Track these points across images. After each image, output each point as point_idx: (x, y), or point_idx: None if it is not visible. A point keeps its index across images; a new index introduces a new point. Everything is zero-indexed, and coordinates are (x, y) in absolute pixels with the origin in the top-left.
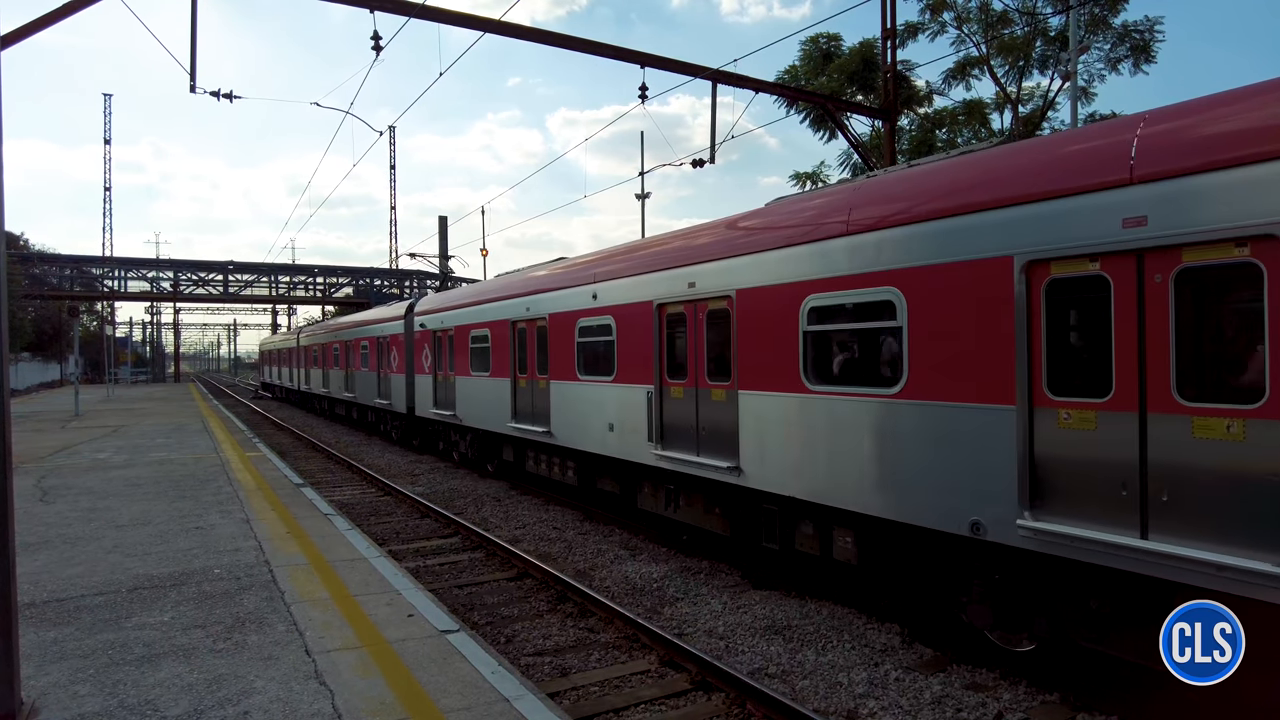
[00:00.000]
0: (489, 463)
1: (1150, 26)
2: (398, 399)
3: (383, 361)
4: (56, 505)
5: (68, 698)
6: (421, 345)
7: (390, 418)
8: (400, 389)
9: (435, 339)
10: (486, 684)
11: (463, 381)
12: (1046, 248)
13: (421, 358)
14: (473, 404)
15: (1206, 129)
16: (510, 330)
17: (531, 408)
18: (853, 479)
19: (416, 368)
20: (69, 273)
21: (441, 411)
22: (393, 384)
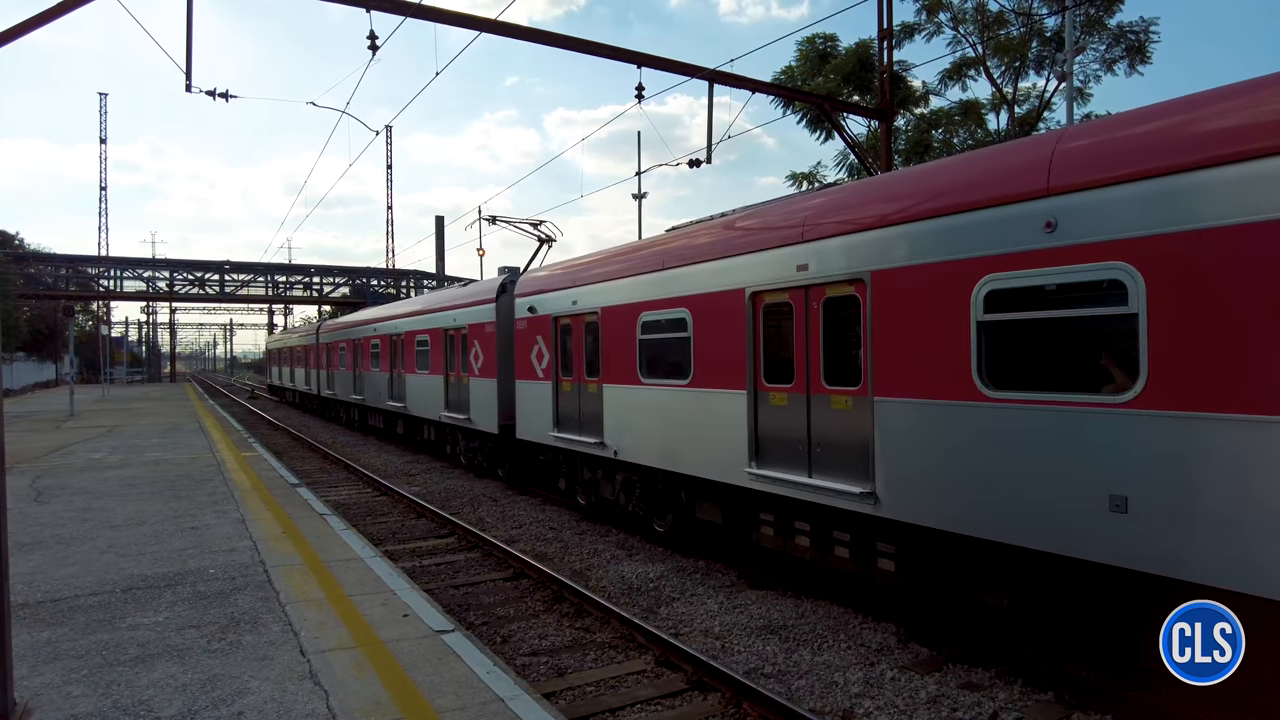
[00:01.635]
0: (659, 520)
1: (1145, 27)
2: (482, 413)
3: (454, 361)
4: (51, 505)
5: (61, 698)
6: (529, 337)
7: (465, 437)
8: (487, 399)
9: (559, 328)
10: (481, 684)
11: (622, 394)
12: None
13: (531, 356)
14: (640, 429)
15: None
16: (751, 308)
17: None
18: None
19: (520, 370)
20: (64, 272)
21: (572, 436)
22: (472, 392)
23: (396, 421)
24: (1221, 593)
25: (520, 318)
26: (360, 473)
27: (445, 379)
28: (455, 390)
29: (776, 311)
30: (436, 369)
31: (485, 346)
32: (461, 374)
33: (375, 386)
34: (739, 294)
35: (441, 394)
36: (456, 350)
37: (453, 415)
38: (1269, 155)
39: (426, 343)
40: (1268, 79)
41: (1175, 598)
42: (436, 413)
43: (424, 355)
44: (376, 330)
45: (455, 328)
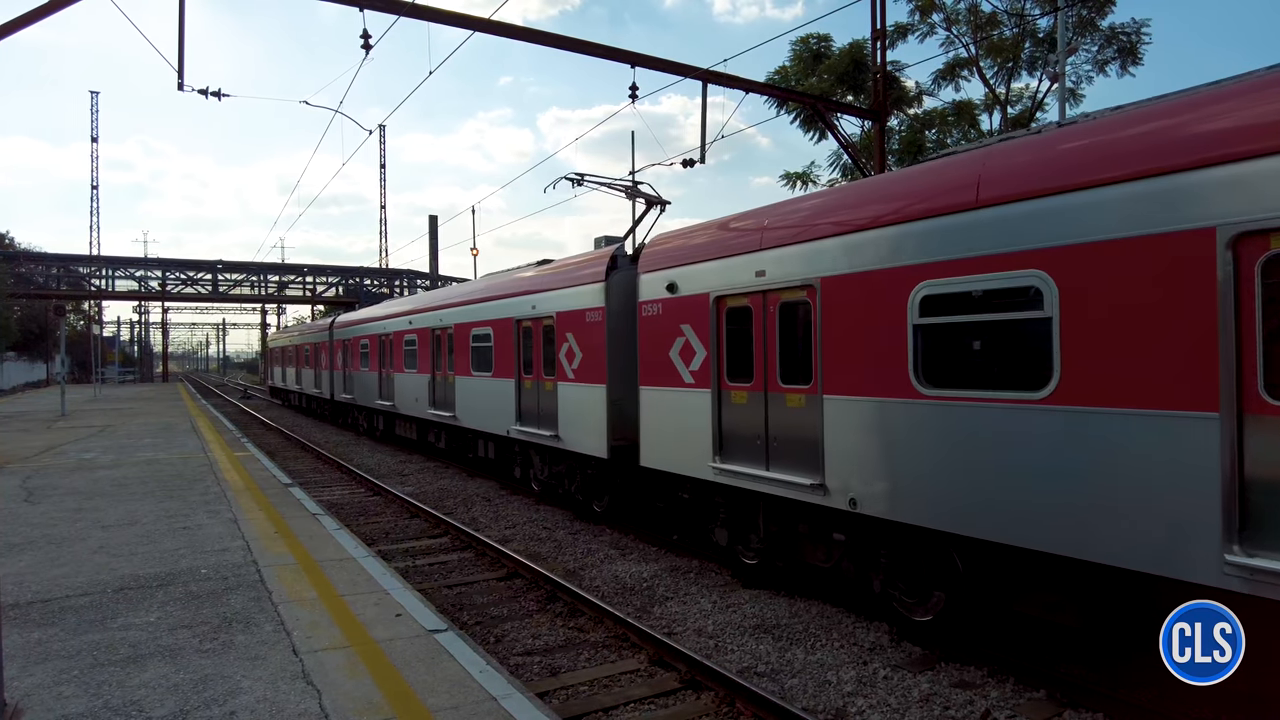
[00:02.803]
0: (921, 607)
1: (1137, 29)
2: (579, 429)
3: (530, 361)
4: (42, 505)
5: (52, 699)
6: (666, 327)
7: (547, 459)
8: (588, 411)
9: (725, 313)
10: (474, 683)
11: (870, 412)
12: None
13: (670, 353)
14: (918, 468)
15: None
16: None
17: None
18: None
19: (649, 372)
20: (56, 272)
21: (752, 470)
22: (563, 401)
23: (436, 433)
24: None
25: (649, 300)
26: (353, 472)
27: (518, 384)
28: (532, 398)
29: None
30: (503, 371)
31: (586, 341)
32: (544, 377)
33: (408, 391)
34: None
35: (511, 403)
36: (535, 346)
37: (529, 430)
38: (1146, 178)
39: (487, 337)
40: (1143, 113)
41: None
42: (502, 426)
43: (482, 353)
44: (412, 323)
45: (535, 317)
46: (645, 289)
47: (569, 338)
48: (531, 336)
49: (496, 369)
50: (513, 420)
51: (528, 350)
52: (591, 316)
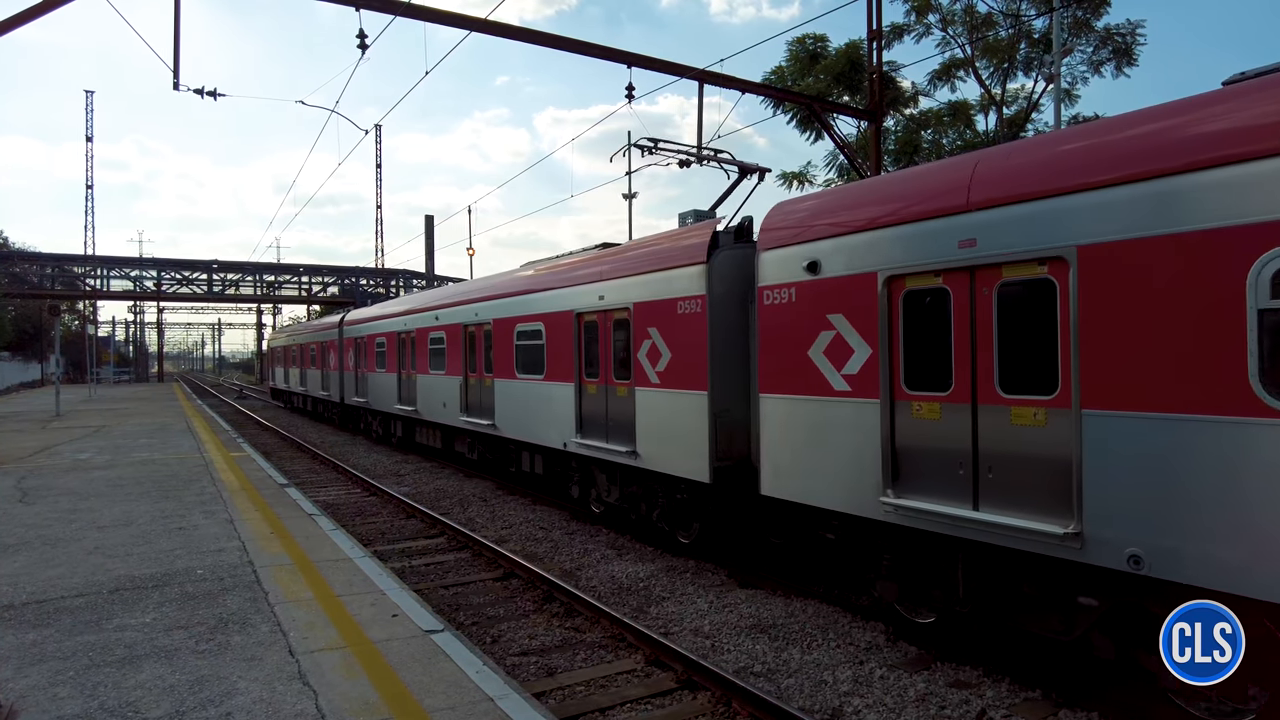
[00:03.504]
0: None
1: (1132, 30)
2: (665, 445)
3: (595, 361)
4: (36, 506)
5: (47, 700)
6: (805, 318)
7: (617, 479)
8: (680, 424)
9: (903, 300)
10: (471, 683)
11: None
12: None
13: (811, 351)
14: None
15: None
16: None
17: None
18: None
19: (773, 375)
20: (50, 271)
21: (952, 511)
22: (642, 411)
23: (469, 443)
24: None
25: (775, 285)
26: (349, 473)
27: (579, 389)
28: (598, 406)
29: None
30: (559, 373)
31: (678, 337)
32: (614, 381)
33: (434, 395)
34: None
35: (569, 411)
36: (603, 344)
37: (594, 444)
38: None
39: (537, 334)
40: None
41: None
42: (557, 438)
43: (530, 353)
44: (439, 319)
45: (603, 310)
46: (770, 270)
47: (652, 334)
48: (597, 333)
49: (550, 371)
50: (572, 431)
51: (592, 349)
52: (687, 307)
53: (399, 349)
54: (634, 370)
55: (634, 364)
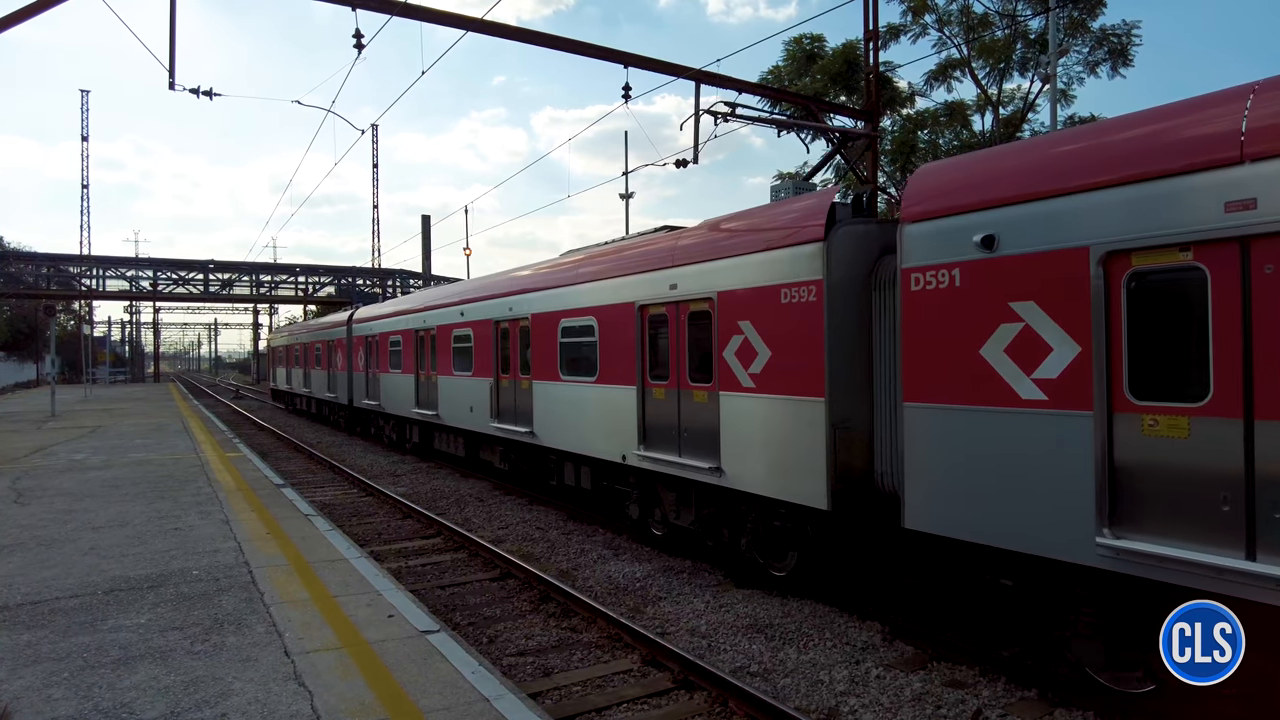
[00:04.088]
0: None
1: (1128, 30)
2: (772, 464)
3: (667, 363)
4: (31, 507)
5: (41, 701)
6: (972, 309)
7: (705, 499)
8: (792, 439)
9: (1117, 283)
10: (467, 684)
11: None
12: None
13: (979, 351)
14: None
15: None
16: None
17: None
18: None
19: (923, 384)
20: (46, 271)
21: (1239, 563)
22: (741, 421)
23: (500, 451)
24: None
25: (929, 265)
26: (346, 473)
27: (642, 393)
28: (666, 412)
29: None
30: (615, 374)
31: (782, 331)
32: (691, 385)
33: (459, 398)
34: None
35: (630, 419)
36: (675, 341)
37: (665, 458)
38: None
39: (588, 330)
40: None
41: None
42: (614, 449)
43: (580, 351)
44: (464, 315)
45: (674, 301)
46: (919, 247)
47: (744, 329)
48: (667, 328)
49: (604, 373)
50: (633, 442)
51: (659, 347)
52: (794, 295)
53: (417, 348)
54: (718, 372)
55: (718, 365)
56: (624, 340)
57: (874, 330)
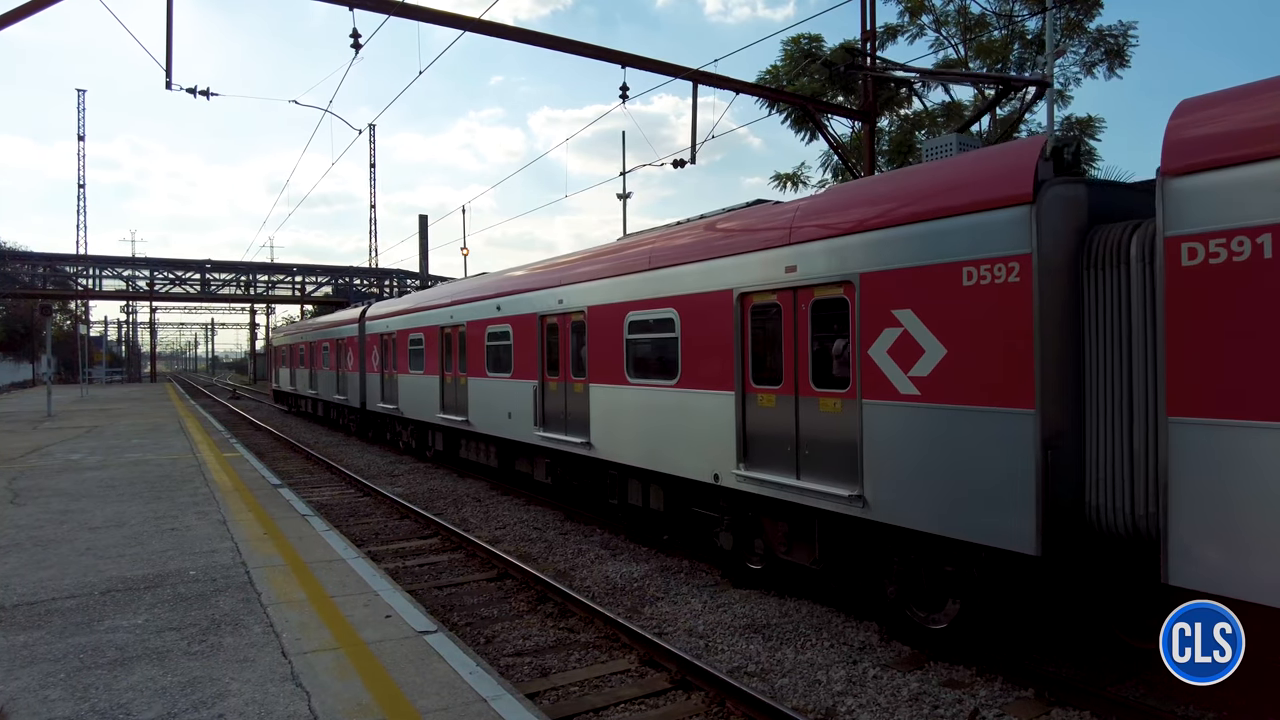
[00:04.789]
0: None
1: (1124, 31)
2: (943, 495)
3: (779, 364)
4: (28, 507)
5: (37, 702)
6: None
7: (831, 531)
8: (976, 463)
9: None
10: (464, 684)
11: None
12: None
13: None
14: None
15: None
16: None
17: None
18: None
19: (1248, 392)
20: (42, 271)
21: None
22: (889, 437)
23: (545, 464)
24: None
25: (1216, 232)
26: (343, 473)
27: (742, 399)
28: (776, 423)
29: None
30: (705, 377)
31: (962, 322)
32: (814, 390)
33: (494, 403)
34: None
35: (726, 430)
36: (787, 335)
37: (776, 480)
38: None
39: (665, 325)
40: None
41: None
42: (705, 466)
43: (653, 349)
44: (501, 309)
45: (794, 286)
46: (1198, 208)
47: (902, 320)
48: (778, 321)
49: (687, 374)
50: (730, 459)
51: (767, 344)
52: (984, 275)
53: (443, 346)
54: (860, 375)
55: (859, 366)
56: (717, 336)
57: (1086, 320)
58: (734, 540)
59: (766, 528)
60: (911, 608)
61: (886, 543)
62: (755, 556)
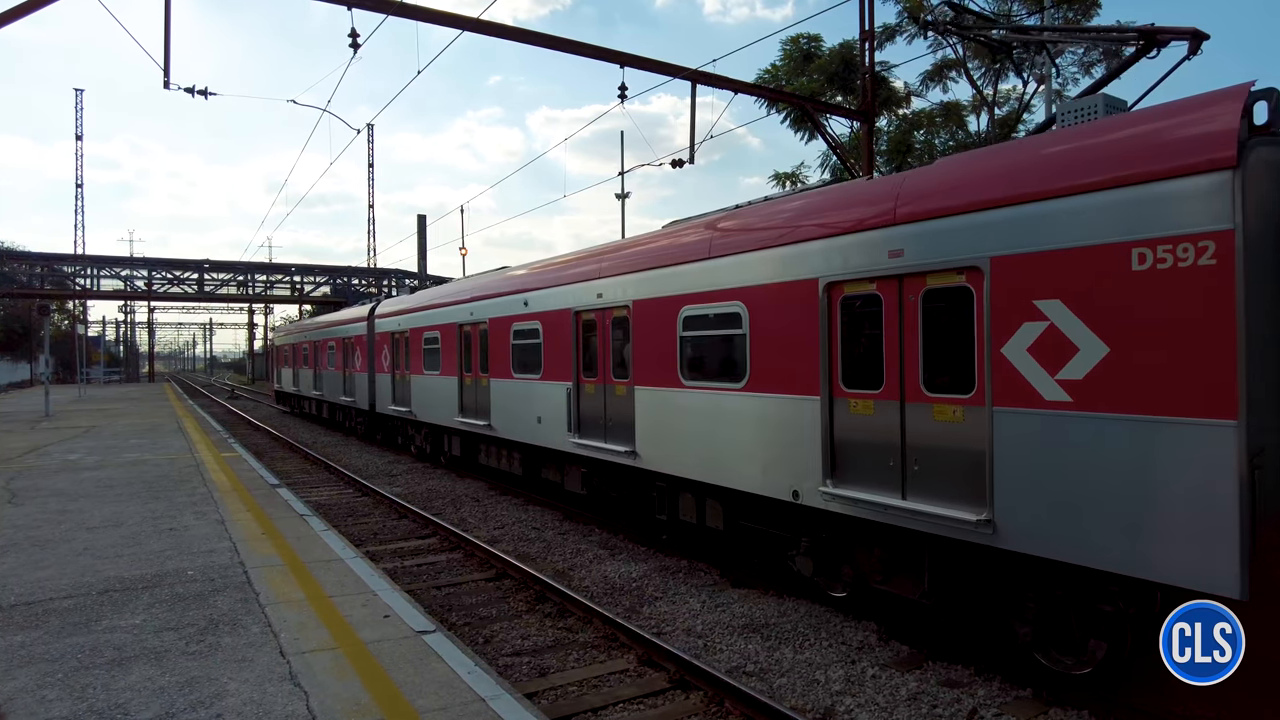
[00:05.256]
0: None
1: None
2: (1098, 523)
3: (858, 361)
4: (25, 507)
5: (35, 702)
6: None
7: (940, 563)
8: (1144, 483)
9: None
10: (463, 684)
11: None
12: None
13: None
14: None
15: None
16: None
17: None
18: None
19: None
20: (40, 271)
21: None
22: (1032, 450)
23: (583, 473)
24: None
25: None
26: (341, 473)
27: (829, 405)
28: (877, 432)
29: None
30: (781, 379)
31: (1129, 312)
32: (927, 395)
33: (522, 406)
34: None
35: (808, 440)
36: (888, 331)
37: (872, 500)
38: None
39: (731, 320)
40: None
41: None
42: (783, 481)
43: (715, 349)
44: (528, 305)
45: (901, 273)
46: None
47: (1049, 311)
48: (880, 314)
49: (756, 377)
50: (813, 474)
51: (865, 340)
52: (1164, 256)
53: (462, 345)
54: (990, 378)
55: (989, 367)
56: (796, 332)
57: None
58: (813, 565)
59: (860, 557)
60: (1050, 651)
61: (1019, 575)
62: (839, 584)
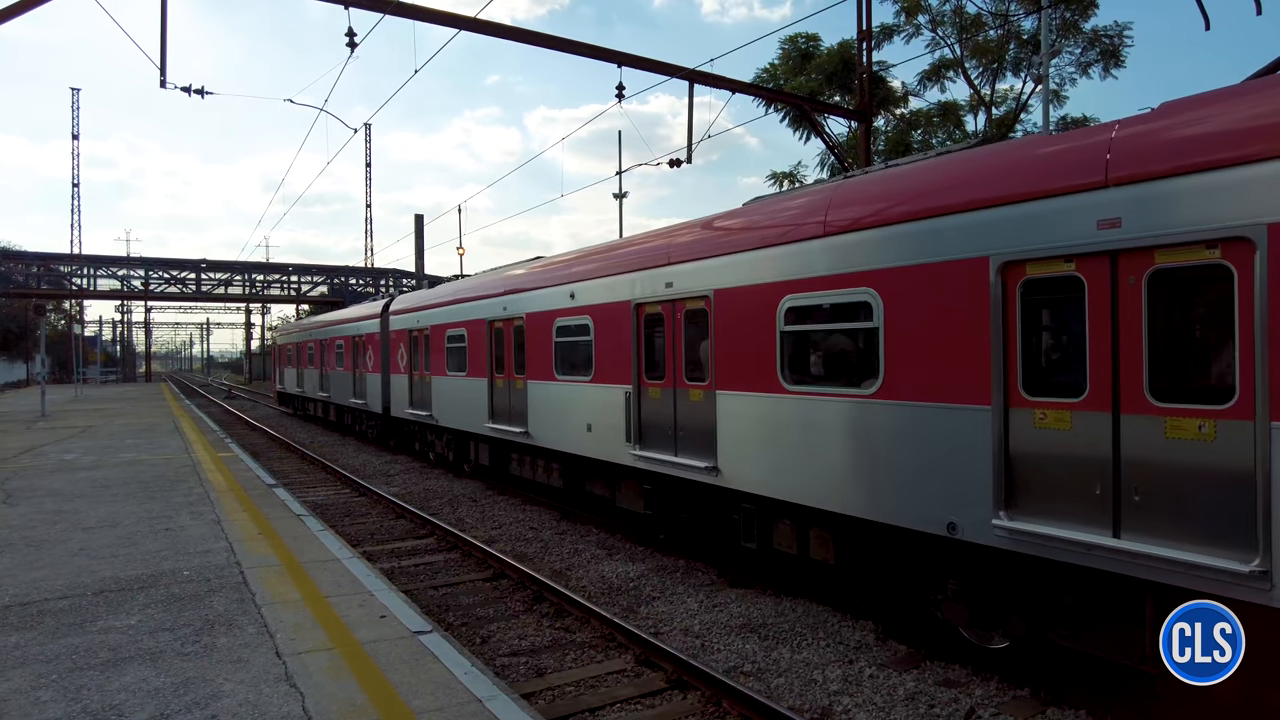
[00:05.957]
0: None
1: (1119, 32)
2: None
3: (1047, 362)
4: (20, 507)
5: (29, 704)
6: None
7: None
8: None
9: None
10: (460, 685)
11: None
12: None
13: None
14: None
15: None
16: None
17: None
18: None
19: None
20: (36, 270)
21: None
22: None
23: (643, 489)
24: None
25: None
26: (338, 473)
27: (1005, 416)
28: (1074, 455)
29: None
30: (929, 384)
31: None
32: (1155, 405)
33: (565, 412)
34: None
35: (973, 462)
36: (1094, 326)
37: (1059, 535)
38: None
39: (858, 310)
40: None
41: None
42: (935, 511)
43: (826, 342)
44: (575, 297)
45: (1146, 245)
46: None
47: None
48: (1082, 304)
49: (891, 380)
50: (980, 503)
51: (1056, 340)
52: None
53: (493, 343)
54: (1273, 382)
55: (1270, 368)
56: (954, 327)
57: None
58: (969, 614)
59: (1035, 600)
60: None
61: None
62: (997, 633)
